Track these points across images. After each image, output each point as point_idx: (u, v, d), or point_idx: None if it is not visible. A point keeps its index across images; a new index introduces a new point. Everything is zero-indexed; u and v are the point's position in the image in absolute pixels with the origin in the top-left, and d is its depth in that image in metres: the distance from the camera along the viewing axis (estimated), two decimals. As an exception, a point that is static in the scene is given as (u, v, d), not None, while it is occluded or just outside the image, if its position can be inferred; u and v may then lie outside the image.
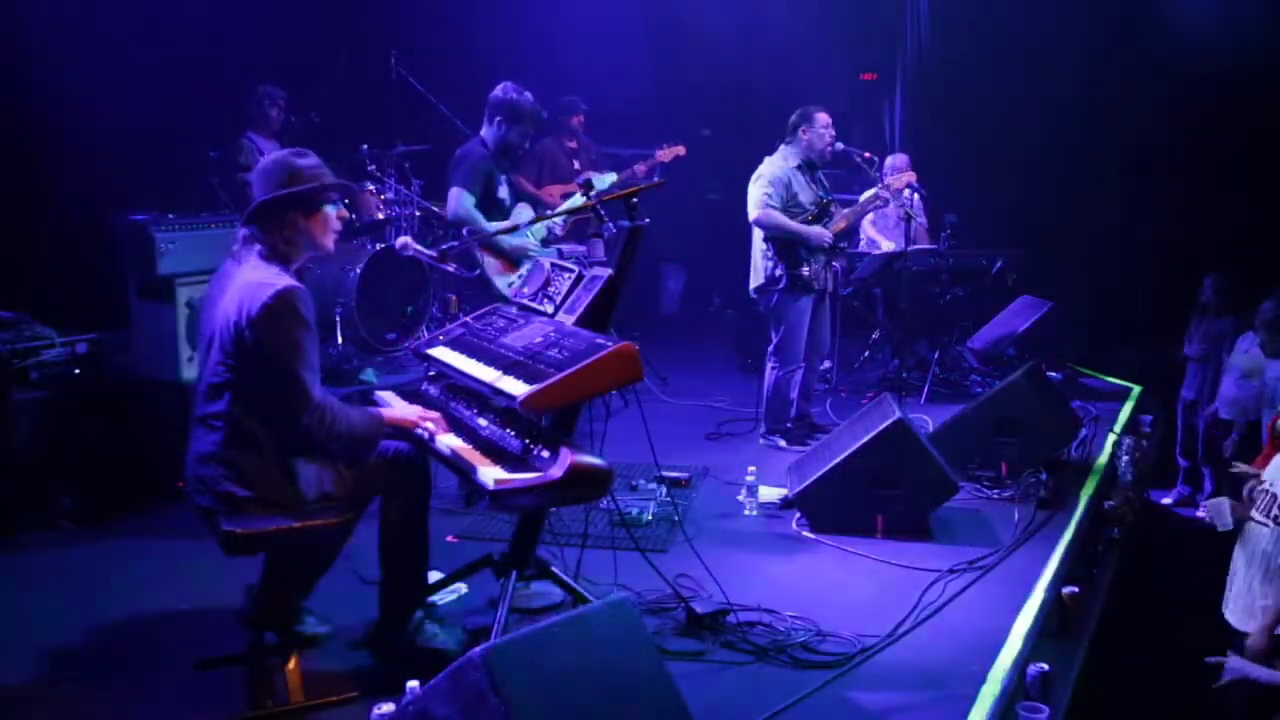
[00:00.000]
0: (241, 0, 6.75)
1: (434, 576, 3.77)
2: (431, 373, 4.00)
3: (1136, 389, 7.37)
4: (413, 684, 2.79)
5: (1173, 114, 7.76)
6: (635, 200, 3.64)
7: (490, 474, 3.11)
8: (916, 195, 7.42)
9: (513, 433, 3.31)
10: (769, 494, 5.08)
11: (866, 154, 6.16)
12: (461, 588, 3.99)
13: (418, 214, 6.93)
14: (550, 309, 3.73)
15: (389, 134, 7.04)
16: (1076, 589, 3.96)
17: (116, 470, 4.86)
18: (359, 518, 3.27)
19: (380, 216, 6.70)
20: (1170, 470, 6.89)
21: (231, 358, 3.11)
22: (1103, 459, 5.78)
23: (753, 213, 5.81)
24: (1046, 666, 3.33)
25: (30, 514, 4.57)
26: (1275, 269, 6.67)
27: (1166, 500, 6.83)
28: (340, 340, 6.03)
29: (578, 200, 5.44)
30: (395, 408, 3.66)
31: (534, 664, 2.35)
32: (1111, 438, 6.09)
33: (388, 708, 2.81)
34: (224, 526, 3.07)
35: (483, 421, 3.46)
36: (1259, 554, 3.90)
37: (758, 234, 5.88)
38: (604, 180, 6.69)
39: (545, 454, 3.13)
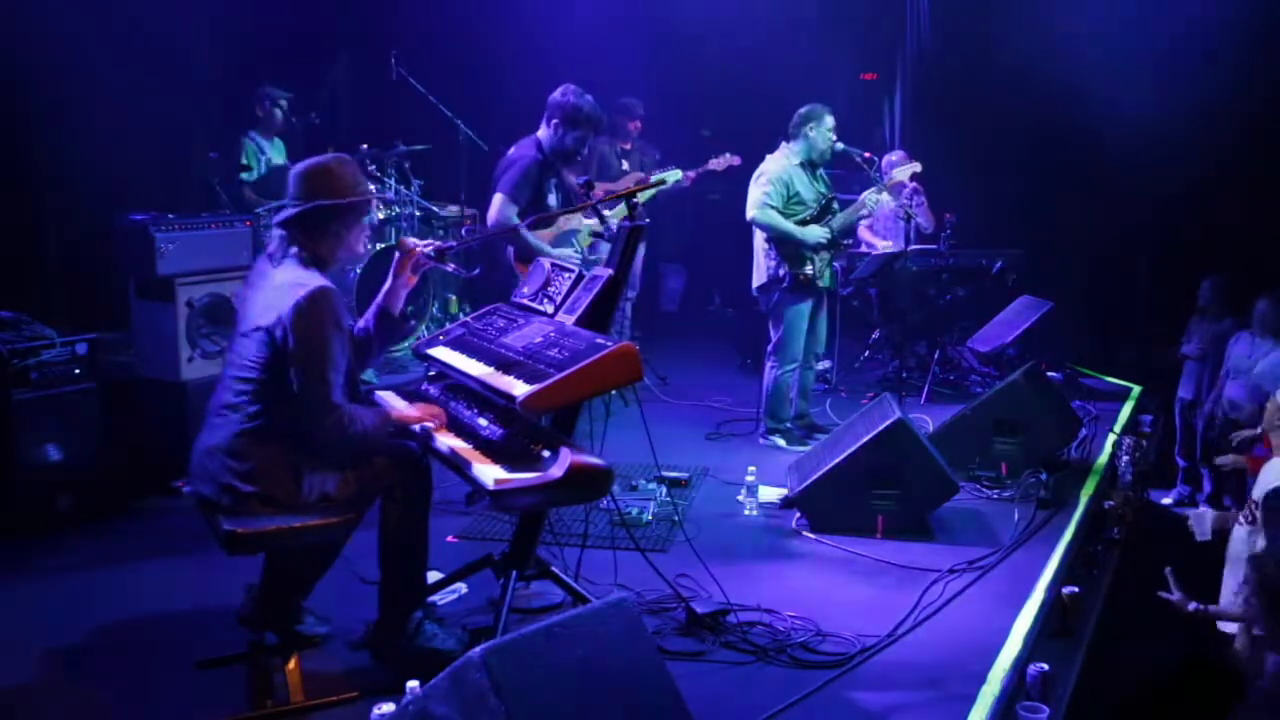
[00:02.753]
0: (242, 1, 6.75)
1: (434, 576, 3.77)
2: (431, 372, 4.00)
3: (1136, 389, 7.37)
4: (413, 684, 2.79)
5: (1172, 113, 7.75)
6: (635, 200, 3.65)
7: (490, 473, 3.11)
8: (917, 195, 7.42)
9: (513, 432, 3.31)
10: (769, 494, 5.08)
11: (866, 154, 6.16)
12: (461, 588, 3.99)
13: (417, 214, 6.93)
14: (550, 309, 3.73)
15: (389, 134, 7.03)
16: (1076, 589, 3.96)
17: (116, 470, 4.87)
18: (360, 519, 3.27)
19: (380, 216, 6.70)
20: (1170, 470, 6.89)
21: (261, 355, 3.12)
22: (1103, 459, 5.78)
23: (750, 212, 5.81)
24: (1046, 666, 3.33)
25: (30, 514, 4.57)
26: (1275, 269, 6.68)
27: (1166, 500, 6.82)
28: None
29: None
30: (395, 406, 3.66)
31: (534, 664, 2.35)
32: (1111, 438, 6.09)
33: (388, 708, 2.81)
34: (225, 526, 3.07)
35: (483, 421, 3.46)
36: (1236, 559, 3.97)
37: (760, 233, 5.88)
38: (672, 175, 6.61)
39: (545, 454, 3.13)
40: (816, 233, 5.77)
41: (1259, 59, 7.81)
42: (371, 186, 6.63)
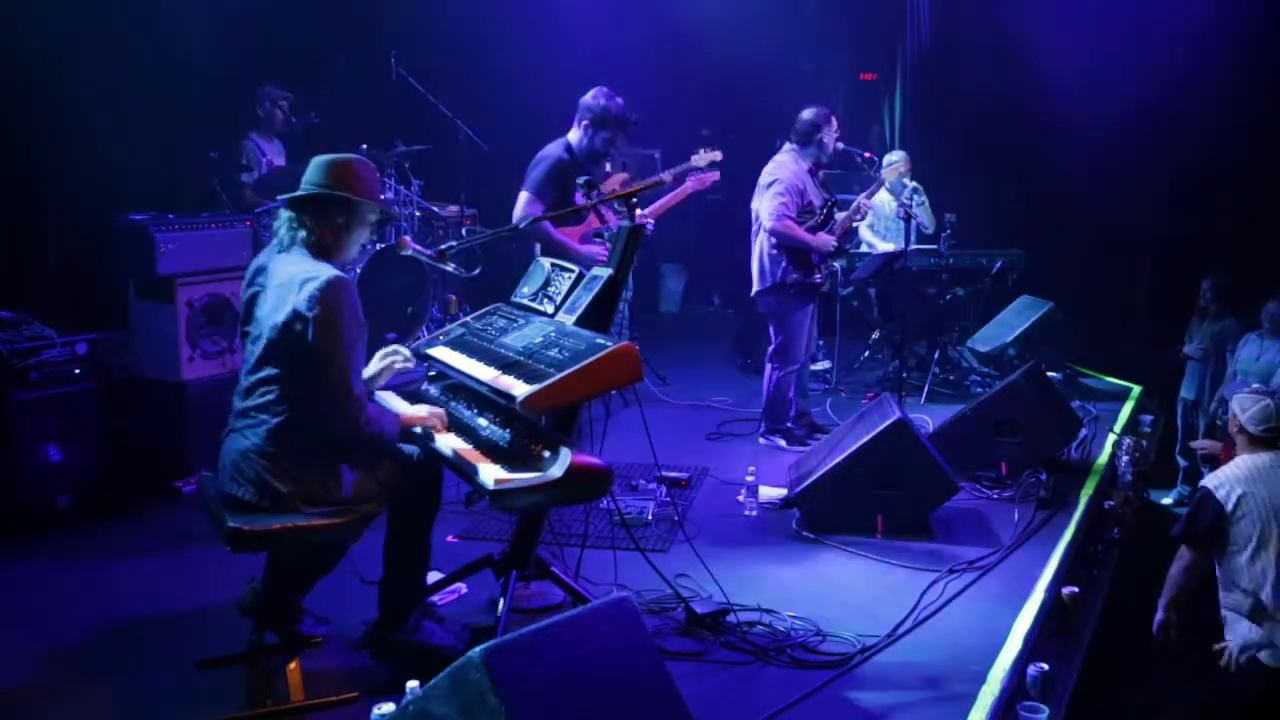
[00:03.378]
0: (242, 1, 6.74)
1: (434, 576, 3.77)
2: (431, 373, 4.01)
3: (1136, 389, 7.37)
4: (413, 684, 2.79)
5: (1173, 113, 7.76)
6: (635, 200, 3.65)
7: (490, 473, 3.10)
8: (917, 195, 7.43)
9: (512, 432, 3.31)
10: (769, 494, 5.08)
11: (866, 154, 6.16)
12: (461, 588, 3.99)
13: (417, 214, 6.93)
14: (550, 309, 3.73)
15: (389, 134, 7.03)
16: (1076, 589, 3.96)
17: (116, 470, 4.86)
18: (368, 520, 3.26)
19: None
20: (1170, 470, 6.88)
21: (280, 353, 3.10)
22: (1103, 459, 5.78)
23: (768, 223, 5.77)
24: (1046, 666, 3.33)
25: (30, 514, 4.57)
26: (1275, 269, 6.68)
27: (1166, 500, 6.82)
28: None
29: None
30: (397, 407, 3.66)
31: (534, 664, 2.34)
32: (1111, 438, 6.09)
33: (388, 708, 2.81)
34: (230, 524, 3.05)
35: (483, 421, 3.46)
36: None
37: (762, 236, 5.87)
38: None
39: (545, 454, 3.13)
40: (828, 241, 5.80)
41: (1259, 59, 7.81)
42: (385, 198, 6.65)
